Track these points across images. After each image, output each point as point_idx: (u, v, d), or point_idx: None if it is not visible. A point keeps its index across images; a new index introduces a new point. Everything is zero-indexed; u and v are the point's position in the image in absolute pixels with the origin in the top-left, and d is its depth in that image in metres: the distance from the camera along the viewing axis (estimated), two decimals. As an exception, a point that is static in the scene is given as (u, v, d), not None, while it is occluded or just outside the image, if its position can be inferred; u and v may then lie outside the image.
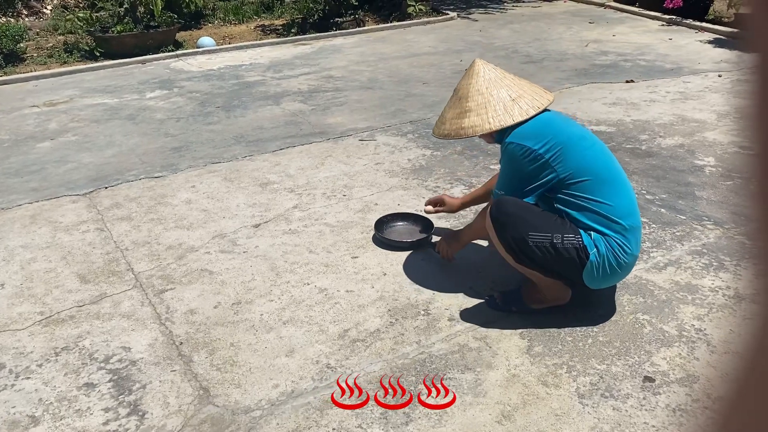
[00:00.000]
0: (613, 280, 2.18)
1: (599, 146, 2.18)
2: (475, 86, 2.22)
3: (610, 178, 2.11)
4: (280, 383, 2.05)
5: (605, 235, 2.07)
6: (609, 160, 2.16)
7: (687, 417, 1.84)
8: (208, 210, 3.28)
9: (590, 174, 2.09)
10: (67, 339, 2.32)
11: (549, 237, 2.08)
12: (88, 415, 1.96)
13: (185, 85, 5.71)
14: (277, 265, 2.73)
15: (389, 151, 3.97)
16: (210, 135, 4.41)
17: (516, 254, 2.15)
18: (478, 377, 2.03)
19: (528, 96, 2.18)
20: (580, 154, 2.09)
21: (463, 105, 2.22)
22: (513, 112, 2.14)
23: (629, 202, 2.13)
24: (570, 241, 2.07)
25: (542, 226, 2.09)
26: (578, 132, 2.16)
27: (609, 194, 2.09)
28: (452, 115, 2.26)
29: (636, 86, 5.08)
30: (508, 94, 2.18)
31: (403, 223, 2.98)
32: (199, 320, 2.39)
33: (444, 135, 2.27)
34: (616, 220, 2.07)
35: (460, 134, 2.21)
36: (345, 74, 5.86)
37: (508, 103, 2.16)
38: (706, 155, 3.70)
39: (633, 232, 2.10)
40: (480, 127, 2.17)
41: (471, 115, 2.19)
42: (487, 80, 2.22)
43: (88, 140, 4.41)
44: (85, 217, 3.27)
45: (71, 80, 6.02)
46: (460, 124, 2.21)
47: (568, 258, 2.08)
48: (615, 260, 2.07)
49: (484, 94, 2.19)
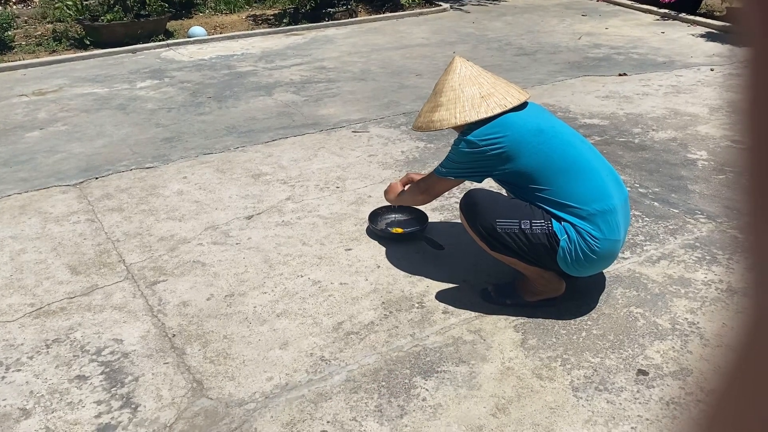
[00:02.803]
0: (592, 267, 2.18)
1: (559, 137, 2.20)
2: (450, 82, 2.30)
3: (568, 167, 2.14)
4: (274, 376, 2.04)
5: (571, 224, 2.11)
6: (569, 149, 2.18)
7: (680, 410, 1.85)
8: (200, 201, 3.26)
9: (545, 167, 2.14)
10: (58, 331, 2.30)
11: (517, 223, 2.13)
12: (80, 407, 1.94)
13: (176, 75, 5.65)
14: (271, 257, 2.72)
15: (382, 143, 3.95)
16: (201, 126, 4.38)
17: (489, 242, 2.20)
18: (473, 370, 2.03)
19: (498, 95, 2.24)
20: (533, 150, 2.14)
21: (437, 99, 2.32)
22: (479, 109, 2.21)
23: (596, 187, 2.13)
24: (539, 226, 2.12)
25: (509, 213, 2.16)
26: (535, 127, 2.19)
27: (569, 182, 2.12)
28: (427, 108, 2.36)
29: (629, 79, 5.09)
30: (479, 92, 2.25)
31: (397, 216, 2.97)
32: (191, 312, 2.38)
33: (417, 127, 2.37)
34: (579, 207, 2.10)
35: (430, 127, 2.30)
36: (337, 65, 5.83)
37: (477, 100, 2.23)
38: (698, 149, 3.71)
39: (603, 216, 2.10)
40: (447, 121, 2.25)
41: (441, 110, 2.28)
42: (462, 77, 2.30)
43: (78, 130, 4.36)
44: (75, 207, 3.23)
45: (60, 69, 5.95)
46: (431, 117, 2.30)
47: (539, 244, 2.12)
48: (586, 246, 2.09)
49: (456, 90, 2.28)
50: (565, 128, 2.28)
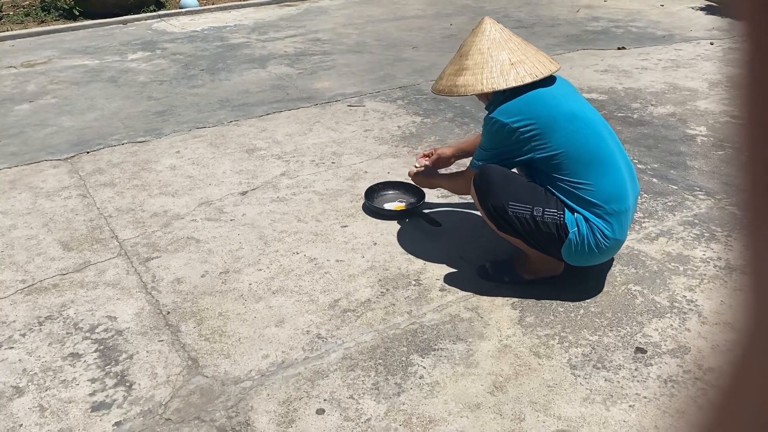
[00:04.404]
0: (592, 260, 2.14)
1: (591, 127, 2.10)
2: (477, 45, 2.16)
3: (597, 161, 2.06)
4: (270, 354, 2.02)
5: (585, 218, 2.05)
6: (600, 142, 2.09)
7: (678, 388, 1.84)
8: (193, 176, 3.21)
9: (574, 156, 2.04)
10: (51, 308, 2.27)
11: (530, 209, 2.06)
12: (74, 385, 1.92)
13: (168, 47, 5.55)
14: (266, 234, 2.68)
15: (378, 117, 3.90)
16: (194, 99, 4.31)
17: (498, 222, 2.14)
18: (470, 348, 2.02)
19: (529, 62, 2.11)
20: (564, 136, 2.04)
21: (462, 62, 2.17)
22: (508, 77, 2.08)
23: (617, 186, 2.07)
24: (551, 216, 2.05)
25: (524, 197, 2.08)
26: (569, 111, 2.08)
27: (593, 177, 2.04)
28: (450, 71, 2.21)
29: (628, 53, 5.03)
30: (508, 57, 2.11)
31: (393, 192, 2.93)
32: (186, 289, 2.35)
33: (439, 90, 2.22)
34: (599, 204, 2.04)
35: (453, 92, 2.16)
36: (332, 37, 5.74)
37: (506, 67, 2.09)
38: (697, 124, 3.67)
39: (617, 217, 2.06)
40: (472, 87, 2.12)
41: (467, 74, 2.14)
42: (491, 40, 2.15)
43: (69, 103, 4.28)
44: (66, 182, 3.18)
45: (50, 40, 5.84)
46: (454, 82, 2.16)
47: (547, 233, 2.07)
48: (594, 242, 2.05)
49: (484, 54, 2.13)
50: (595, 115, 2.17)
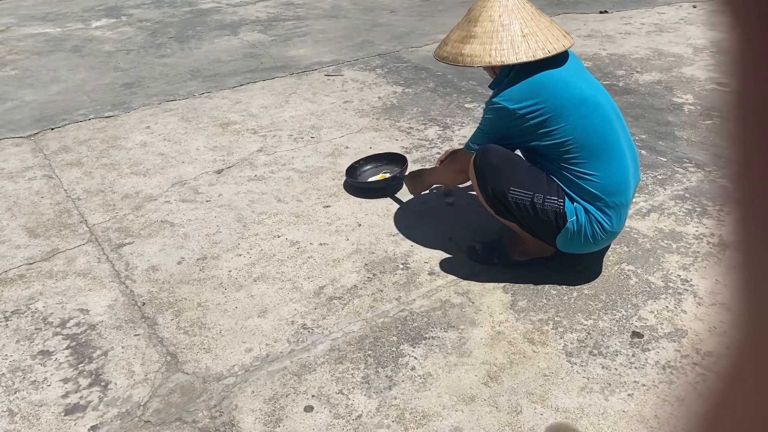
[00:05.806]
0: (586, 249, 2.07)
1: (601, 112, 1.98)
2: (488, 11, 1.98)
3: (602, 150, 1.96)
4: (254, 347, 1.93)
5: (586, 210, 1.97)
6: (607, 128, 1.98)
7: (677, 374, 1.79)
8: (165, 154, 3.06)
9: (579, 145, 1.94)
10: (18, 301, 2.14)
11: (530, 195, 1.96)
12: (45, 386, 1.81)
13: (134, 13, 5.29)
14: (244, 216, 2.56)
15: (358, 87, 3.75)
16: (163, 69, 4.11)
17: (496, 206, 2.04)
18: (462, 335, 1.95)
19: (542, 35, 1.95)
20: (572, 123, 1.93)
21: (470, 29, 2.00)
22: (519, 50, 1.92)
23: (620, 178, 1.98)
24: (551, 203, 1.96)
25: (526, 182, 1.97)
26: (578, 96, 1.95)
27: (598, 168, 1.95)
28: (456, 37, 2.03)
29: (610, 17, 4.91)
30: (520, 28, 1.94)
31: (373, 166, 2.82)
32: (162, 278, 2.23)
33: (443, 57, 2.04)
34: (601, 197, 1.95)
35: (458, 61, 1.99)
36: (306, 1, 5.52)
37: (518, 39, 1.93)
38: (684, 92, 3.60)
39: (617, 210, 1.98)
40: (480, 58, 1.95)
41: (474, 43, 1.97)
42: (503, 7, 1.97)
43: (30, 75, 4.05)
44: (30, 162, 3.01)
45: (6, 6, 5.53)
46: (460, 50, 1.99)
47: (545, 220, 1.98)
48: (591, 233, 1.98)
49: (494, 22, 1.96)
50: (605, 97, 2.04)
